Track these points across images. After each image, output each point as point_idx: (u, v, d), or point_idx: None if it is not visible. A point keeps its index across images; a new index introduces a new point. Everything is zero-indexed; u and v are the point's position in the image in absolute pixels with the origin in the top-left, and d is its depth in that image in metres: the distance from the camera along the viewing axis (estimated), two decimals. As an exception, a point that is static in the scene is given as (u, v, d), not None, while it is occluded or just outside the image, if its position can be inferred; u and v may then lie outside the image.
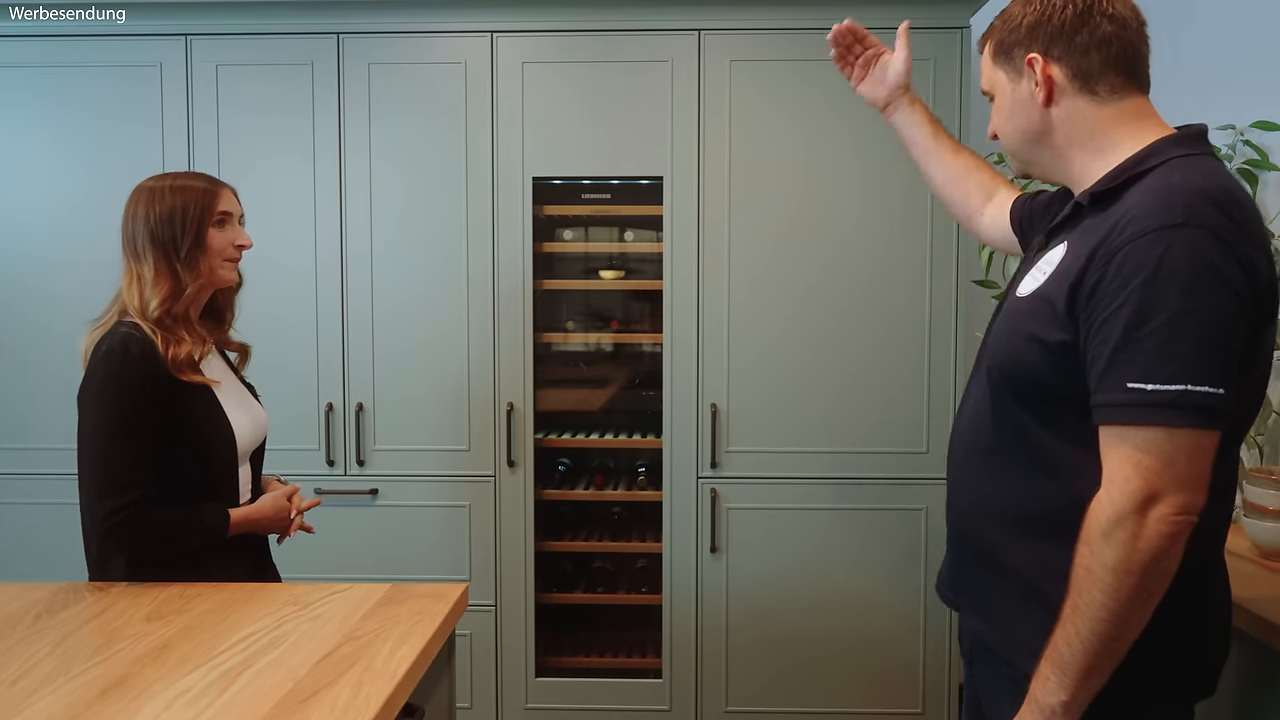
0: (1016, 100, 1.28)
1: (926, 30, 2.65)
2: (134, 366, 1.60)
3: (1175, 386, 1.06)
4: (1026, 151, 1.31)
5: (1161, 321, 1.07)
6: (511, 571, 2.79)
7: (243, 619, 1.47)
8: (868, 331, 2.72)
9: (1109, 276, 1.11)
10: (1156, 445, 1.07)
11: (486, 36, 2.70)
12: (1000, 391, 1.27)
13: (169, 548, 1.63)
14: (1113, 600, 1.08)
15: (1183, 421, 1.07)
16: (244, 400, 1.81)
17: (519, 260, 2.73)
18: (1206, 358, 1.07)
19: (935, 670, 2.77)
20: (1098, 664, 1.10)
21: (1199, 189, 1.12)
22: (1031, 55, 1.25)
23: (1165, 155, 1.19)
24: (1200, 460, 1.08)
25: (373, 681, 1.25)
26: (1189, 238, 1.08)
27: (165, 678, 1.26)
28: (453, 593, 1.60)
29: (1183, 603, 1.16)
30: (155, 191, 1.71)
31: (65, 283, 2.74)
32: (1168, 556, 1.08)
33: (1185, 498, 1.08)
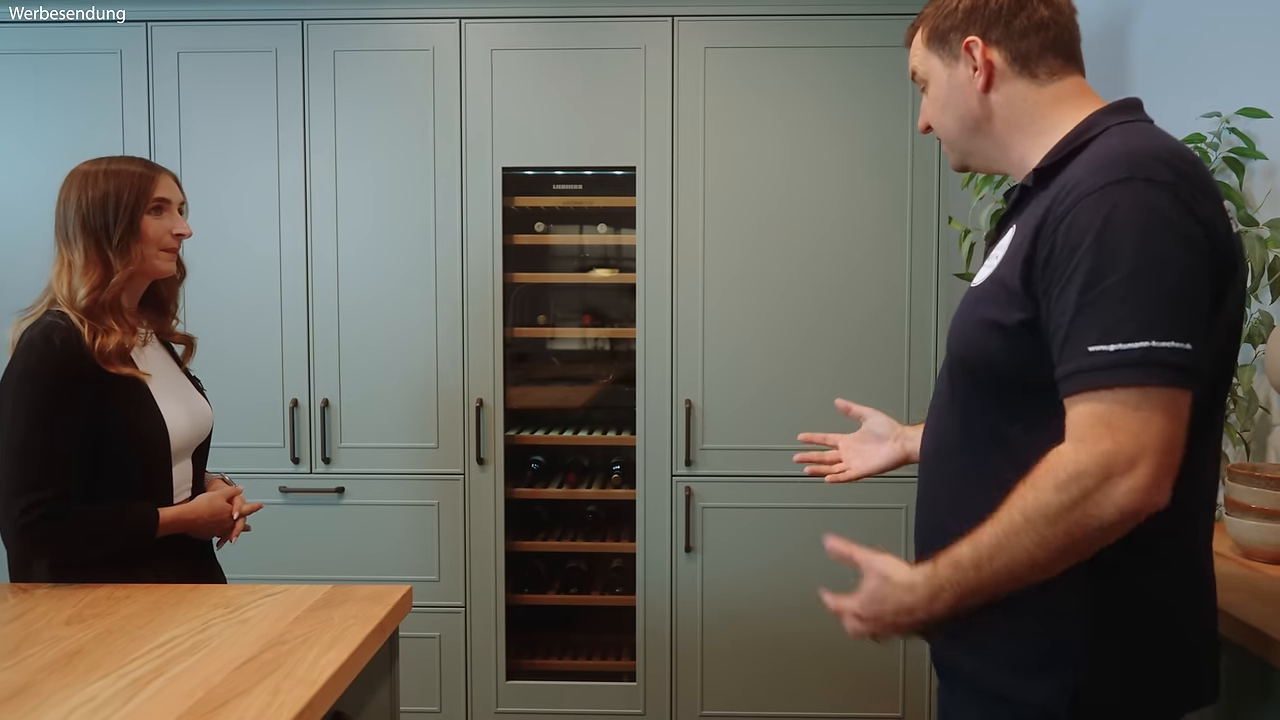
0: (954, 87, 1.23)
1: (904, 16, 2.57)
2: (54, 358, 1.53)
3: (1138, 344, 0.99)
4: (965, 140, 1.26)
5: (1116, 279, 1.00)
6: (481, 572, 2.72)
7: (168, 622, 1.41)
8: (847, 326, 2.65)
9: (1058, 244, 1.05)
10: (1129, 406, 0.99)
11: (455, 23, 2.63)
12: (962, 385, 1.21)
13: (88, 550, 1.55)
14: (1042, 552, 1.02)
15: (1150, 379, 0.99)
16: (184, 394, 1.74)
17: (489, 253, 2.66)
18: (1169, 312, 0.99)
19: (915, 673, 2.70)
20: (994, 594, 1.06)
21: (1142, 148, 1.07)
22: (970, 39, 1.20)
23: (1103, 124, 1.15)
24: (1176, 423, 1.00)
25: (290, 689, 1.18)
26: (1137, 190, 1.02)
27: (70, 686, 1.19)
28: (393, 595, 1.53)
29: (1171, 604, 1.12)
30: (89, 176, 1.64)
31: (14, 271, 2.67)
32: (1117, 531, 1.01)
33: (1161, 462, 0.99)
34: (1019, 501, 1.03)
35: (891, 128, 2.61)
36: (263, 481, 2.68)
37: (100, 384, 1.56)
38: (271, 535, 2.63)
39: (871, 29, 2.59)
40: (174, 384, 1.72)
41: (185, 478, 1.71)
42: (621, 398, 2.91)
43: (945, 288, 2.64)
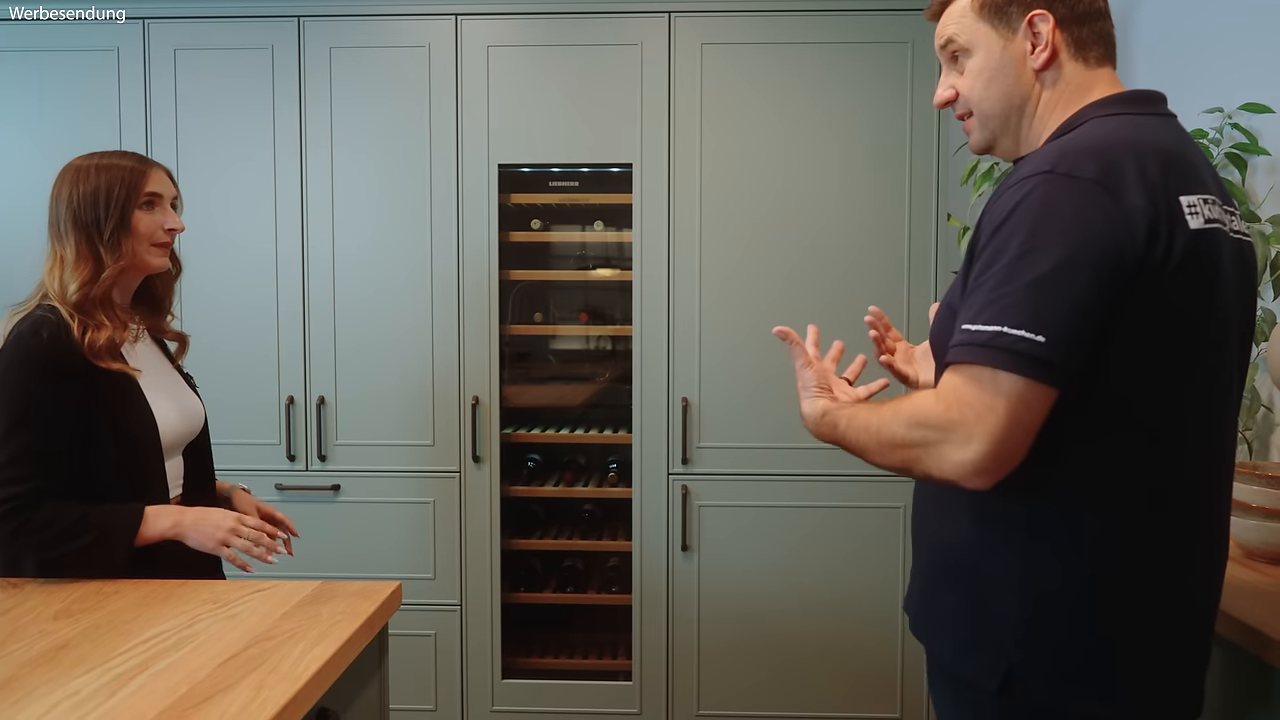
0: (1006, 60, 1.19)
1: (904, 12, 2.56)
2: (42, 351, 1.52)
3: (992, 328, 1.03)
4: (1002, 119, 1.22)
5: (999, 267, 1.04)
6: (477, 570, 2.71)
7: (155, 617, 1.40)
8: (845, 322, 2.62)
9: (982, 230, 1.09)
10: (978, 386, 1.03)
11: (451, 19, 2.62)
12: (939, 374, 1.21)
13: (58, 548, 1.51)
14: (880, 461, 1.14)
15: (998, 363, 1.02)
16: (175, 391, 1.72)
17: (484, 250, 2.65)
18: (1029, 303, 1.01)
19: (914, 673, 2.68)
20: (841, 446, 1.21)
21: (1087, 140, 1.08)
22: (1038, 13, 1.17)
23: (1085, 117, 1.15)
24: (1020, 414, 1.02)
25: (274, 685, 1.17)
26: (1049, 183, 1.04)
27: (55, 679, 1.18)
28: (381, 591, 1.52)
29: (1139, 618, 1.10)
30: (81, 170, 1.63)
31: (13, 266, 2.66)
32: (933, 482, 1.09)
33: (989, 451, 1.02)
34: (882, 416, 1.13)
35: (889, 123, 2.59)
36: (259, 479, 2.67)
37: (89, 379, 1.55)
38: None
39: (868, 24, 2.58)
40: (165, 380, 1.71)
41: (177, 474, 1.70)
42: (618, 396, 2.89)
43: (944, 285, 2.62)
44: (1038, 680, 1.11)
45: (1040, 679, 1.11)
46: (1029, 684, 1.11)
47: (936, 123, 2.59)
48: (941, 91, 1.26)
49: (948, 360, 1.07)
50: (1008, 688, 1.11)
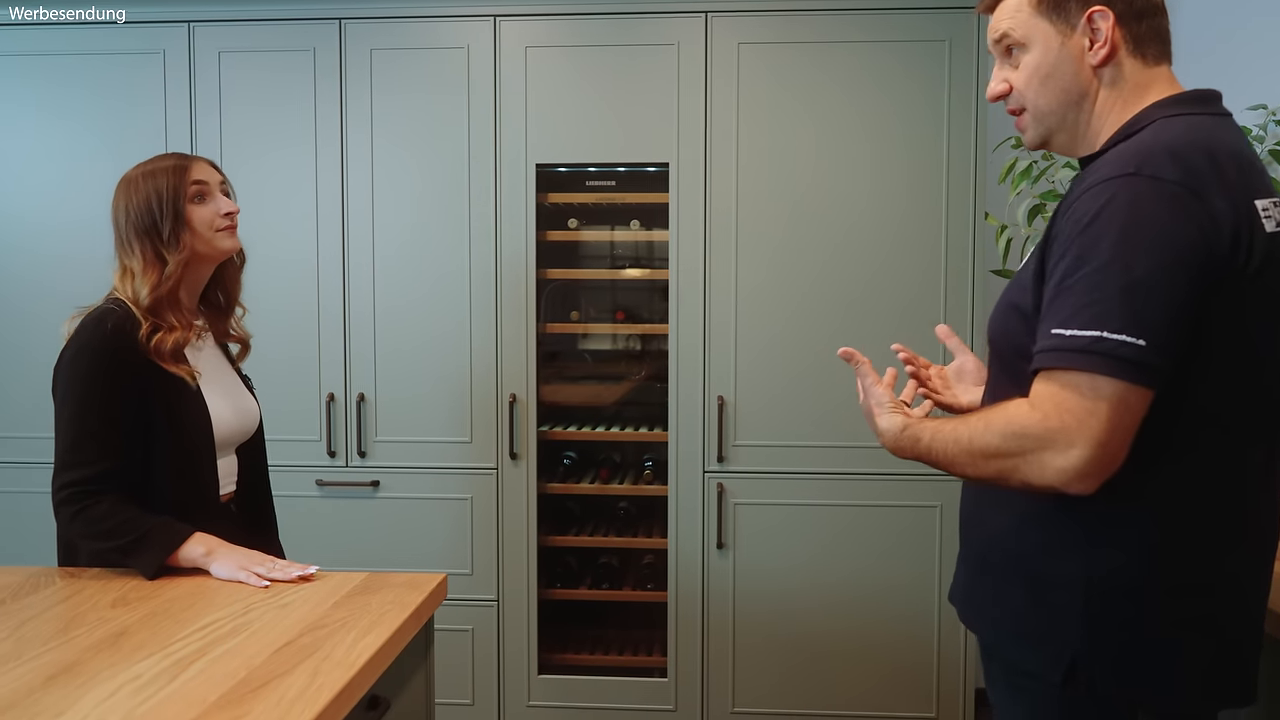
0: (1064, 57, 1.18)
1: (941, 11, 2.56)
2: (104, 340, 1.57)
3: (1090, 332, 1.03)
4: (1058, 115, 1.21)
5: (1090, 269, 1.04)
6: (513, 566, 2.73)
7: (209, 606, 1.43)
8: (880, 321, 2.64)
9: (1060, 232, 1.09)
10: (1076, 392, 1.04)
11: (490, 20, 2.65)
12: (996, 370, 1.25)
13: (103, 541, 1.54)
14: (973, 473, 1.15)
15: (1099, 369, 1.02)
16: (232, 391, 1.77)
17: (522, 249, 2.67)
18: (1127, 306, 1.02)
19: (950, 672, 2.68)
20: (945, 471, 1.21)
21: (1165, 142, 1.08)
22: (1097, 9, 1.16)
23: (1152, 117, 1.15)
24: (1122, 417, 1.03)
25: (329, 671, 1.20)
26: (1133, 186, 1.04)
27: (117, 664, 1.21)
28: (429, 583, 1.55)
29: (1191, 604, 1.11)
30: (131, 182, 1.68)
31: (63, 275, 2.73)
32: (1040, 492, 1.08)
33: (1093, 455, 1.03)
34: (972, 426, 1.13)
35: (925, 122, 2.59)
36: (299, 475, 2.71)
37: (149, 372, 1.59)
38: (307, 528, 2.67)
39: (905, 23, 2.57)
40: (223, 381, 1.75)
41: (230, 471, 1.74)
42: (653, 394, 2.91)
43: (981, 284, 2.61)
44: (1102, 671, 1.12)
45: (1104, 670, 1.12)
46: (1093, 675, 1.12)
47: (974, 121, 2.58)
48: (995, 85, 1.25)
49: (1037, 366, 1.07)
50: (1071, 678, 1.12)
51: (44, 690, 1.14)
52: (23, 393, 2.76)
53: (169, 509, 1.60)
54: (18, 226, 2.76)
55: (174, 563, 1.56)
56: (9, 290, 2.78)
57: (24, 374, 2.76)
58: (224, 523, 1.67)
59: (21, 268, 2.76)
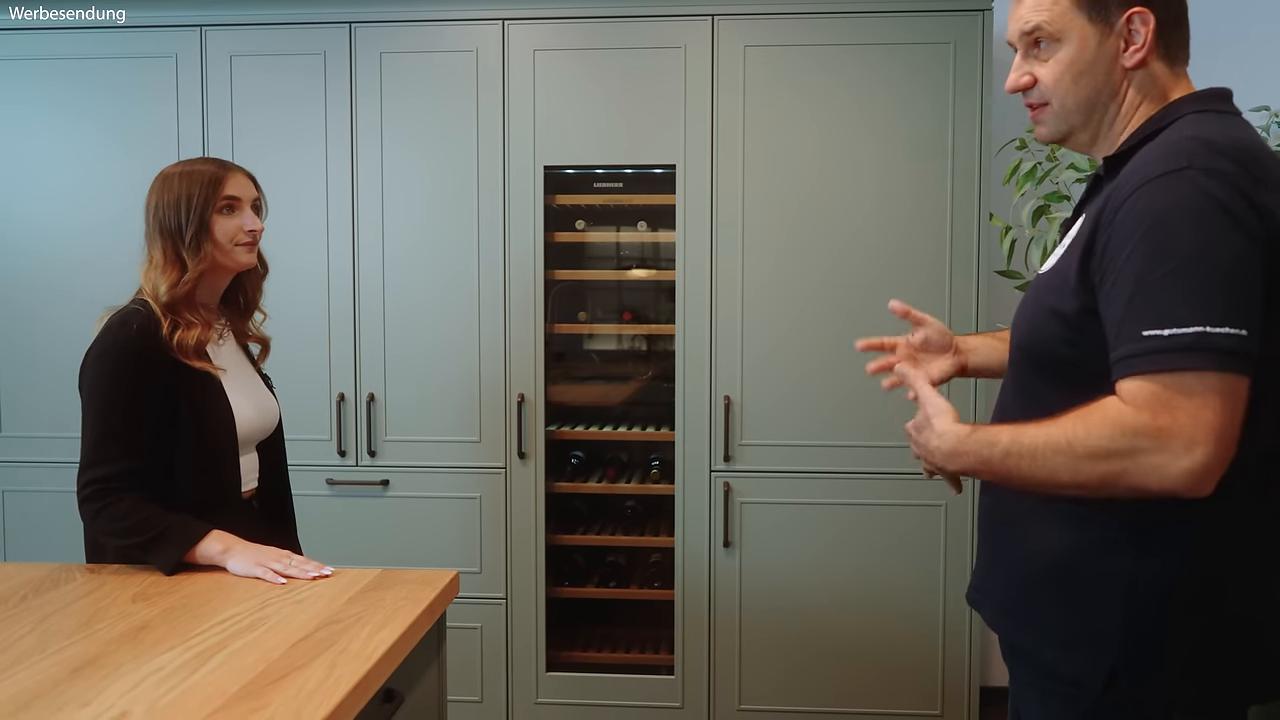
0: (1100, 55, 1.17)
1: (946, 14, 2.58)
2: (129, 340, 1.60)
3: (1192, 329, 1.00)
4: (1084, 114, 1.21)
5: (1172, 266, 1.02)
6: (522, 564, 2.76)
7: (226, 601, 1.46)
8: (885, 322, 2.63)
9: (1116, 233, 1.07)
10: (1184, 390, 1.01)
11: (498, 24, 2.68)
12: (1025, 371, 1.24)
13: (123, 538, 1.58)
14: (1066, 477, 1.07)
15: (1205, 364, 1.00)
16: (253, 390, 1.80)
17: (530, 250, 2.70)
18: (1224, 297, 1.01)
19: (955, 671, 2.70)
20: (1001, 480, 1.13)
21: (1206, 138, 1.08)
22: (1139, 10, 1.16)
23: (1179, 113, 1.16)
24: (1235, 409, 1.01)
25: (346, 664, 1.23)
26: (1194, 179, 1.04)
27: (139, 657, 1.24)
28: (441, 579, 1.58)
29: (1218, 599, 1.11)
30: (168, 178, 1.71)
31: (78, 278, 2.76)
32: (1146, 496, 1.04)
33: (1216, 453, 1.01)
34: (1069, 428, 1.06)
35: (930, 124, 2.61)
36: (309, 474, 2.74)
37: (174, 371, 1.63)
38: (318, 526, 2.69)
39: (910, 26, 2.60)
40: (245, 379, 1.78)
41: (252, 467, 1.77)
42: (660, 394, 2.93)
43: (986, 285, 2.63)
44: (1143, 675, 1.11)
45: (1145, 674, 1.11)
46: (1134, 681, 1.11)
47: (979, 122, 2.60)
48: (1018, 77, 1.23)
49: (1133, 371, 1.03)
50: (1111, 684, 1.12)
51: (69, 682, 1.16)
52: (38, 394, 2.80)
53: (193, 505, 1.63)
54: (33, 229, 2.80)
55: (192, 559, 1.59)
56: (24, 293, 2.81)
57: (39, 376, 2.79)
58: (245, 519, 1.70)
59: (35, 270, 2.80)
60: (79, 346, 1.65)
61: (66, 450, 2.76)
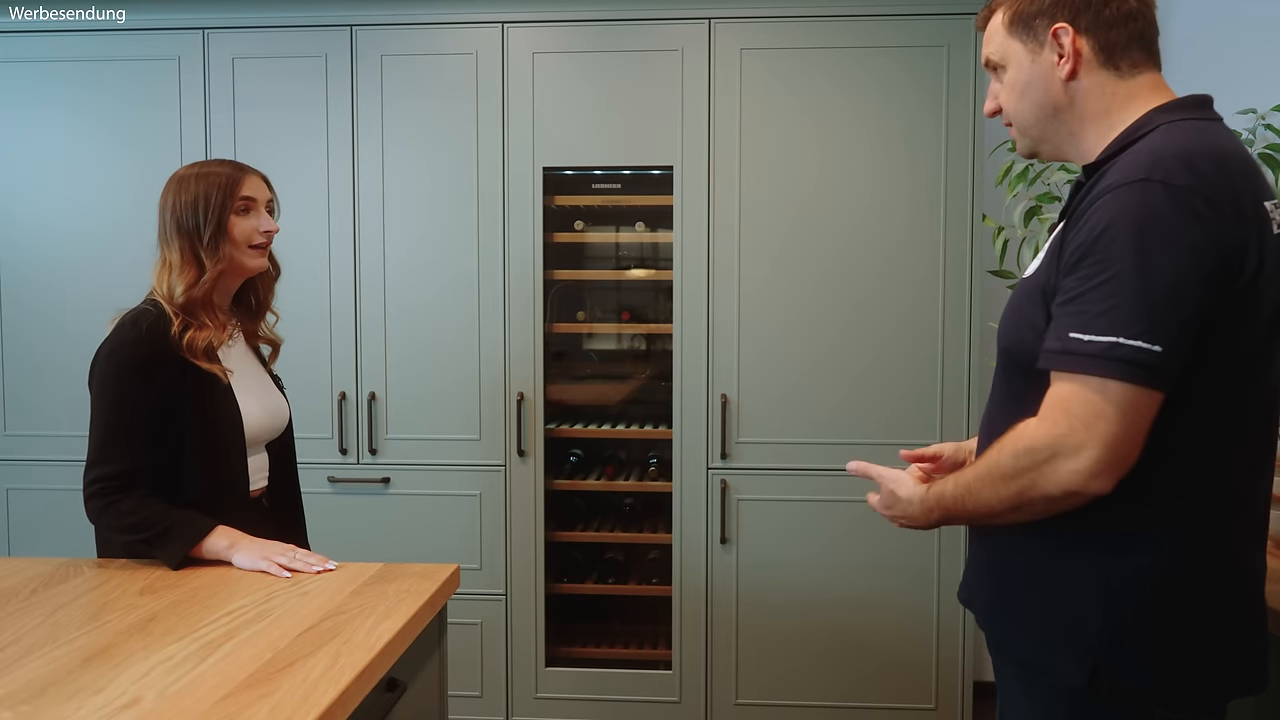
0: (1035, 73, 1.24)
1: (939, 16, 2.61)
2: (138, 340, 1.62)
3: (1106, 338, 1.06)
4: (1039, 128, 1.27)
5: (1107, 276, 1.07)
6: (522, 561, 2.79)
7: (232, 594, 1.49)
8: (880, 322, 2.69)
9: (1071, 238, 1.12)
10: (1086, 395, 1.07)
11: (498, 27, 2.71)
12: (1010, 373, 1.27)
13: (129, 534, 1.60)
14: (996, 503, 1.16)
15: (1112, 374, 1.05)
16: (263, 390, 1.82)
17: (530, 250, 2.73)
18: (1145, 313, 1.05)
19: (948, 666, 2.73)
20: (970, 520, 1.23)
21: (1173, 148, 1.10)
22: (1059, 25, 1.21)
23: (1155, 123, 1.18)
24: (1132, 420, 1.06)
25: (350, 654, 1.26)
26: (1146, 192, 1.07)
27: (149, 647, 1.27)
28: (442, 572, 1.61)
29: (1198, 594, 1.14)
30: (183, 180, 1.72)
31: (81, 279, 2.79)
32: (1058, 505, 1.11)
33: (1103, 456, 1.06)
34: (989, 458, 1.16)
35: (924, 126, 2.64)
36: (311, 472, 2.76)
37: (183, 371, 1.65)
38: (320, 524, 2.69)
39: (904, 29, 2.63)
40: (254, 380, 1.81)
41: (261, 467, 1.80)
42: (657, 392, 2.97)
43: (979, 284, 2.67)
44: (1125, 670, 1.14)
45: (1127, 669, 1.14)
46: (1116, 674, 1.14)
47: (972, 125, 2.63)
48: (989, 103, 1.32)
49: (1047, 366, 1.11)
50: (1095, 681, 1.14)
51: (81, 670, 1.20)
52: (42, 393, 2.83)
53: (201, 503, 1.66)
54: (37, 230, 2.83)
55: (198, 554, 1.62)
56: (28, 293, 2.84)
57: (43, 375, 2.82)
58: (255, 517, 1.73)
59: (40, 271, 2.83)
60: (82, 346, 1.68)
61: (70, 448, 2.81)
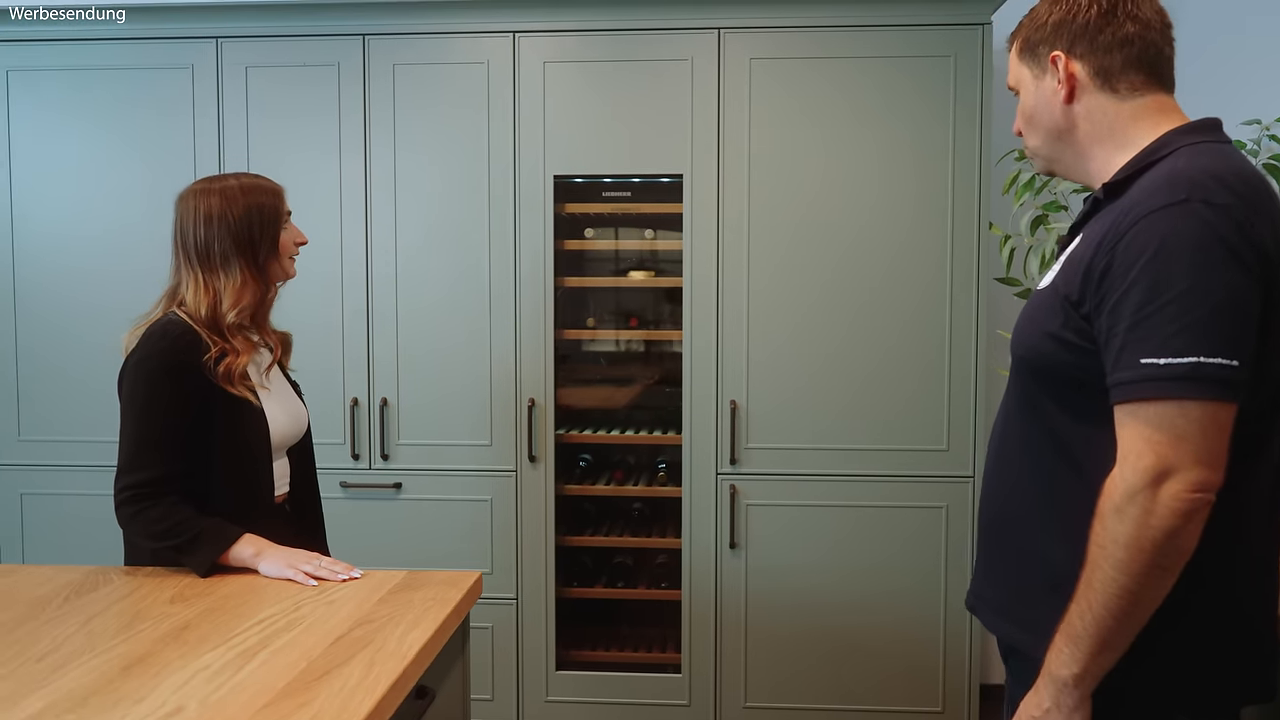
0: (1040, 97, 1.30)
1: (947, 27, 2.64)
2: (169, 350, 1.65)
3: (1188, 359, 1.07)
4: (1049, 148, 1.33)
5: (1171, 297, 1.08)
6: (532, 565, 2.82)
7: (262, 602, 1.51)
8: (887, 328, 2.72)
9: (1117, 260, 1.12)
10: (1169, 420, 1.07)
11: (509, 36, 2.73)
12: (1025, 381, 1.29)
13: (159, 541, 1.63)
14: (1125, 575, 1.09)
15: (1196, 394, 1.07)
16: (285, 397, 1.84)
17: (540, 257, 2.76)
18: (1219, 330, 1.07)
19: (955, 669, 2.76)
20: (1110, 639, 1.12)
21: (1205, 169, 1.13)
22: (1055, 53, 1.27)
23: (1175, 144, 1.20)
24: (1216, 434, 1.08)
25: (384, 662, 1.28)
26: (1194, 213, 1.09)
27: (185, 655, 1.30)
28: (466, 580, 1.63)
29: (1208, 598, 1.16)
30: (226, 195, 1.72)
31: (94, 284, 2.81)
32: (1182, 534, 1.08)
33: (1200, 474, 1.07)
34: (1094, 538, 1.12)
35: (931, 135, 2.67)
36: (324, 477, 2.75)
37: (210, 381, 1.67)
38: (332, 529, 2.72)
39: (912, 39, 2.66)
40: (277, 387, 1.83)
41: (284, 472, 1.83)
42: (666, 398, 3.00)
43: (985, 291, 2.70)
44: (1141, 676, 1.16)
45: (1144, 675, 1.16)
46: (1132, 680, 1.16)
47: (978, 133, 2.66)
48: (1015, 124, 1.38)
49: (1130, 397, 1.10)
50: (1118, 691, 1.16)
51: (122, 679, 1.22)
52: (56, 400, 2.85)
53: (228, 510, 1.69)
54: (52, 237, 2.84)
55: (224, 562, 1.64)
56: (43, 300, 2.85)
57: (57, 381, 2.84)
58: (277, 523, 1.75)
59: (54, 278, 2.84)
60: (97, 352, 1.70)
61: (83, 454, 2.83)
